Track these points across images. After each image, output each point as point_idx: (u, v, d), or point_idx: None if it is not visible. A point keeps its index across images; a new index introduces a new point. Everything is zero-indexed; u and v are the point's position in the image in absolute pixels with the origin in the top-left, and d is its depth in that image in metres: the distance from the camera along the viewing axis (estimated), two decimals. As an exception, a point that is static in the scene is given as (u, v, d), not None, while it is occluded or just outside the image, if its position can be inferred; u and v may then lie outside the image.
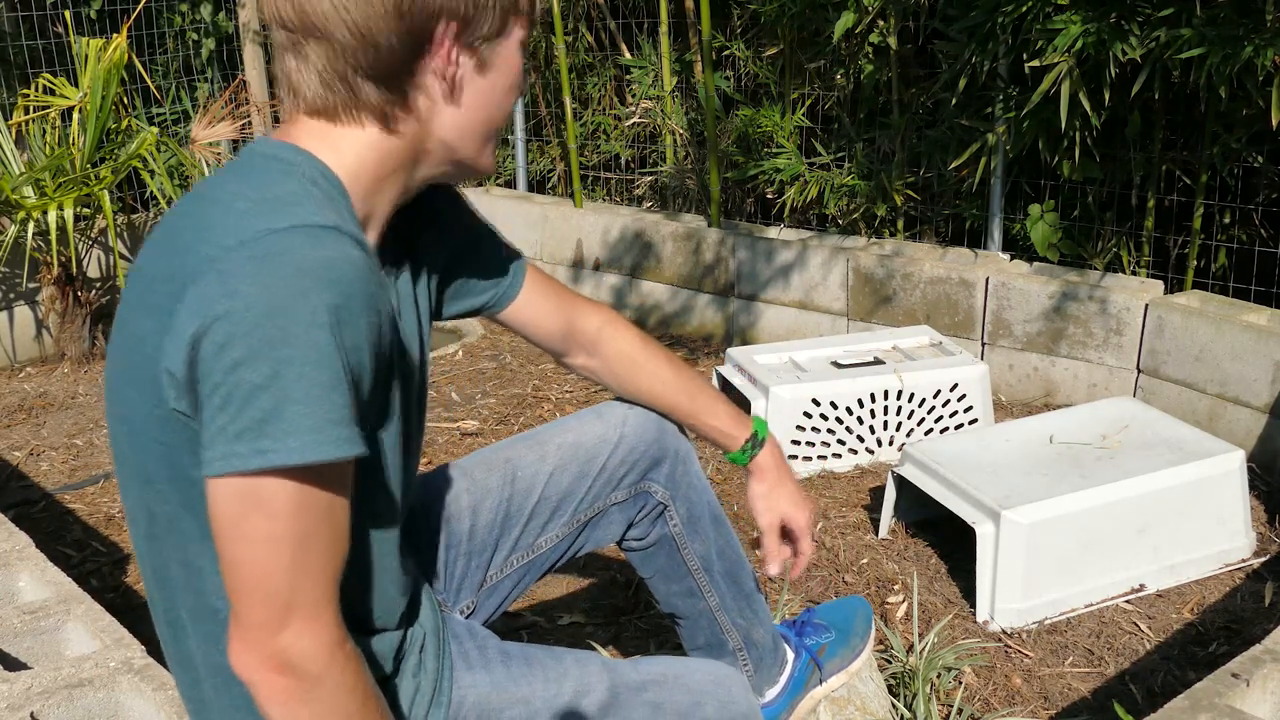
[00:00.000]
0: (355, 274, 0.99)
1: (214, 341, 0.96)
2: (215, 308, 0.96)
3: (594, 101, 4.70)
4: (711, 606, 1.62)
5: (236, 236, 0.99)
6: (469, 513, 1.50)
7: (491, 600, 1.54)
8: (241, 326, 0.95)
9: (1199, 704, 1.46)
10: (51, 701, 1.60)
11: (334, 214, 1.05)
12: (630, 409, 1.56)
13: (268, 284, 0.96)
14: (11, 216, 3.75)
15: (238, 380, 0.95)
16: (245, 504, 0.98)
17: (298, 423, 0.96)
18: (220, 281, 0.97)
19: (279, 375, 0.95)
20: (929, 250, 3.61)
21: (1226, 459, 2.43)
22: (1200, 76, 2.77)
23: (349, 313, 0.98)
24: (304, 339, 0.96)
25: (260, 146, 1.11)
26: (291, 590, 1.00)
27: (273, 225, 0.99)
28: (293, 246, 0.98)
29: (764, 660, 1.66)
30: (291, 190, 1.04)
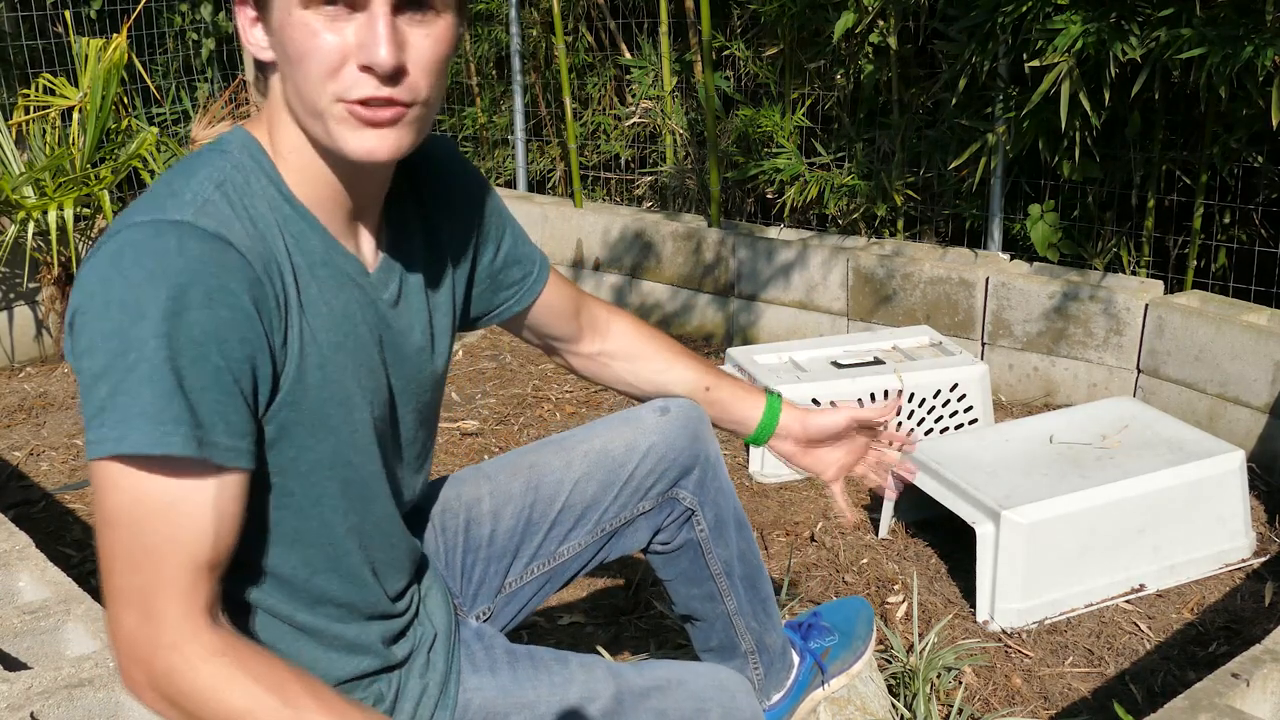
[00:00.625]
0: (190, 268, 0.99)
1: (75, 329, 1.01)
2: (75, 296, 1.02)
3: (594, 101, 4.70)
4: (729, 610, 1.61)
5: (111, 230, 1.03)
6: (490, 518, 1.49)
7: (510, 607, 1.52)
8: (89, 317, 1.00)
9: (1199, 704, 1.46)
10: (51, 701, 1.60)
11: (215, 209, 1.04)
12: (662, 416, 1.52)
13: (109, 277, 0.99)
14: (11, 216, 3.75)
15: (84, 368, 1.00)
16: (97, 494, 1.02)
17: (121, 414, 0.98)
18: (85, 272, 1.02)
19: (111, 367, 0.98)
20: (929, 250, 3.61)
21: (1226, 459, 2.43)
22: (1200, 76, 2.77)
23: (180, 306, 0.98)
24: (132, 333, 0.98)
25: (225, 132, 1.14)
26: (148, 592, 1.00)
27: (135, 219, 1.02)
28: (137, 241, 1.00)
29: (774, 665, 1.66)
30: (189, 185, 1.05)
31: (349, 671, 1.21)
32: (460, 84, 5.06)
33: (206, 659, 1.00)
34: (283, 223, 1.09)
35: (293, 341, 1.08)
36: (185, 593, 1.01)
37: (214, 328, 1.00)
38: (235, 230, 1.04)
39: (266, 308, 1.05)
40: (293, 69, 1.05)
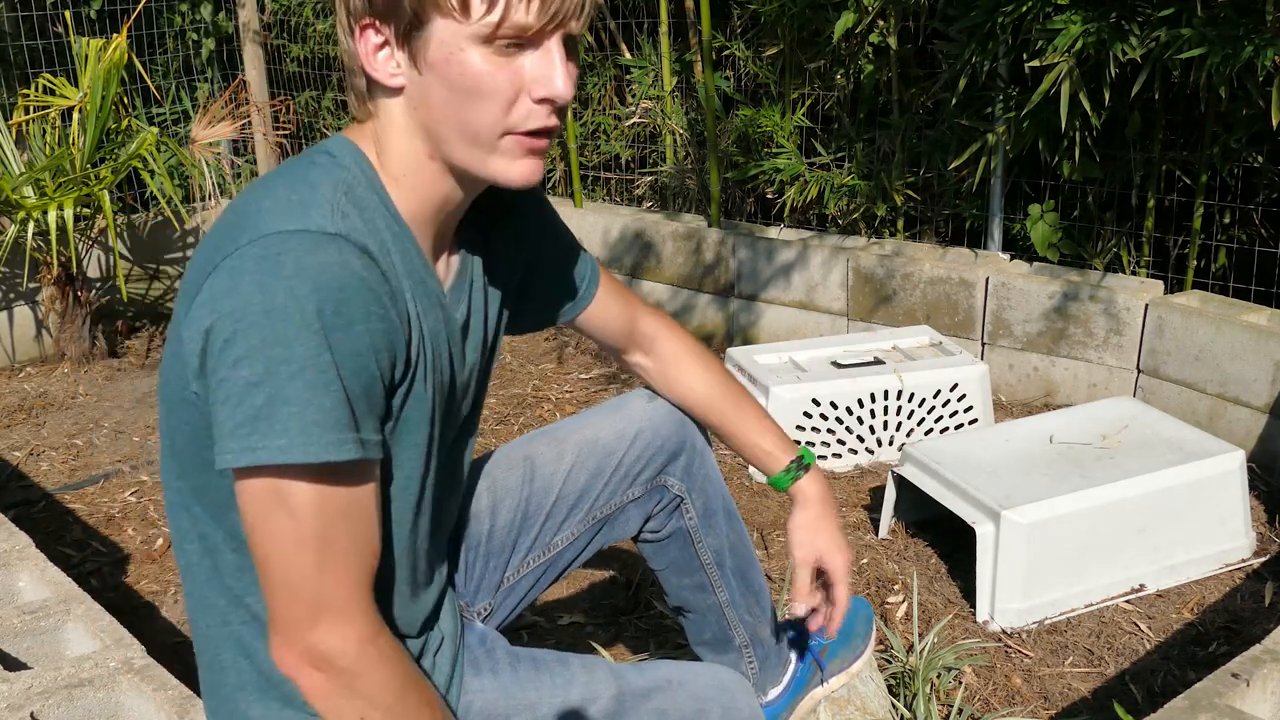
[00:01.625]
0: (351, 281, 1.02)
1: (220, 336, 1.00)
2: (222, 303, 1.00)
3: (594, 101, 4.70)
4: (721, 601, 1.61)
5: (250, 235, 1.02)
6: (488, 513, 1.50)
7: (509, 601, 1.53)
8: (242, 324, 0.99)
9: (1199, 704, 1.46)
10: (51, 701, 1.60)
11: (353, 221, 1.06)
12: (650, 403, 1.55)
13: (266, 284, 0.99)
14: (11, 216, 3.75)
15: (236, 377, 0.99)
16: (266, 502, 1.01)
17: (286, 423, 0.98)
18: (229, 277, 1.01)
19: (272, 374, 0.98)
20: (929, 250, 3.61)
21: (1226, 459, 2.43)
22: (1200, 76, 2.77)
23: (342, 319, 1.00)
24: (296, 341, 0.98)
25: (329, 141, 1.15)
26: (316, 589, 1.03)
27: (283, 226, 1.02)
28: (293, 249, 1.00)
29: (769, 658, 1.66)
30: (320, 194, 1.06)
31: None
32: (460, 84, 5.06)
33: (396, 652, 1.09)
34: (393, 240, 1.11)
35: (414, 355, 1.12)
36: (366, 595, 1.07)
37: (370, 340, 1.03)
38: (371, 244, 1.07)
39: (402, 320, 1.09)
40: (457, 101, 1.08)
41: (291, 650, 1.05)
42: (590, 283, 1.47)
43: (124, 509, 2.98)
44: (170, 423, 1.13)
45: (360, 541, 1.06)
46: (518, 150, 1.10)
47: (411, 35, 1.07)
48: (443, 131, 1.10)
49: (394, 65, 1.10)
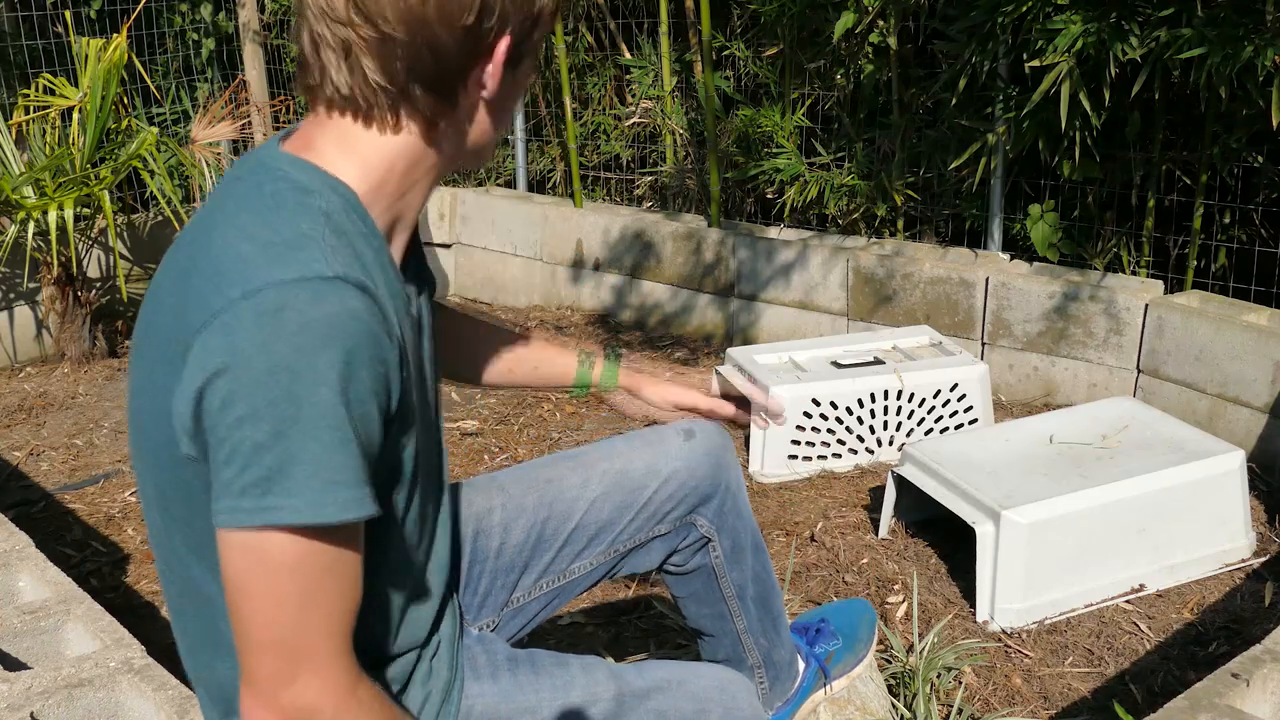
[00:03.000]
0: (359, 328, 0.98)
1: (217, 396, 0.96)
2: (217, 362, 0.95)
3: (594, 101, 4.70)
4: (739, 629, 1.60)
5: (241, 287, 0.97)
6: (500, 530, 1.47)
7: (516, 620, 1.51)
8: (243, 383, 0.95)
9: (1199, 704, 1.46)
10: (51, 701, 1.60)
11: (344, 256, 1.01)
12: (687, 441, 1.51)
13: (269, 341, 0.95)
14: (11, 216, 3.75)
15: (241, 437, 0.95)
16: (249, 559, 0.98)
17: (303, 483, 0.95)
18: (224, 334, 0.96)
19: (283, 434, 0.95)
20: (929, 250, 3.61)
21: (1226, 459, 2.43)
22: (1200, 76, 2.77)
23: (353, 369, 0.97)
24: (308, 398, 0.95)
25: (274, 161, 1.07)
26: (297, 645, 1.00)
27: (277, 276, 0.97)
28: (296, 301, 0.96)
29: (780, 678, 1.66)
30: (301, 231, 1.01)
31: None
32: (460, 84, 5.06)
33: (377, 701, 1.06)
34: (374, 257, 1.07)
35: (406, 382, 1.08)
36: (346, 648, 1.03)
37: (373, 385, 1.00)
38: (364, 277, 1.02)
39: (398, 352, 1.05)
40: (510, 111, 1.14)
41: (268, 708, 1.01)
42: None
43: (124, 509, 2.98)
44: (159, 480, 1.08)
45: (344, 595, 1.02)
46: None
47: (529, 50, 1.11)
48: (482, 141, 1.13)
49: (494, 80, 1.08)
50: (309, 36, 1.05)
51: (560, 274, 4.46)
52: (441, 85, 1.06)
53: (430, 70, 1.05)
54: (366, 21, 1.02)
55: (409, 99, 1.06)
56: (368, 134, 1.07)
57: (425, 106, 1.07)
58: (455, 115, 1.09)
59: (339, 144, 1.07)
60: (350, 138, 1.07)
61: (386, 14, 1.01)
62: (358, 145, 1.07)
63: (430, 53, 1.03)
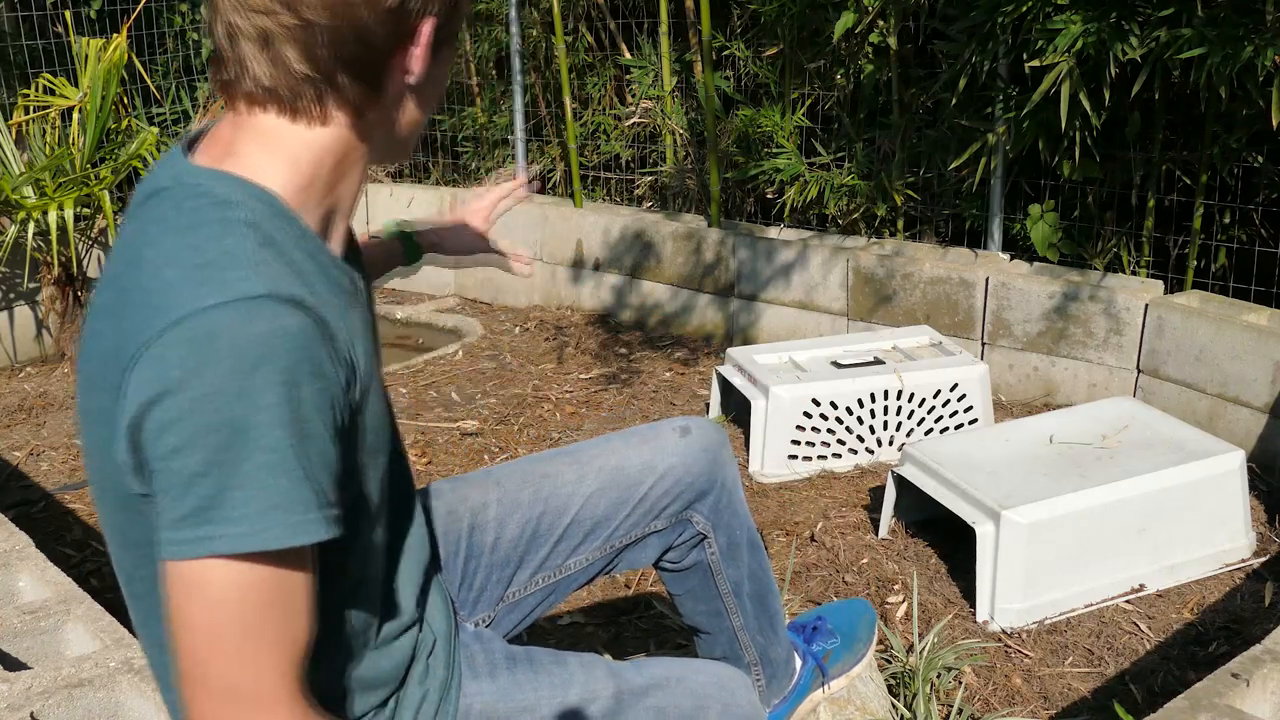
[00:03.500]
0: (293, 345, 0.94)
1: (151, 428, 0.93)
2: (149, 394, 0.93)
3: (594, 101, 4.70)
4: (735, 626, 1.61)
5: (168, 316, 0.93)
6: (495, 525, 1.47)
7: (512, 616, 1.51)
8: (176, 413, 0.92)
9: (1199, 704, 1.46)
10: (51, 701, 1.60)
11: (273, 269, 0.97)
12: (683, 437, 1.51)
13: (200, 368, 0.91)
14: (11, 216, 3.75)
15: (178, 467, 0.92)
16: (189, 592, 0.94)
17: (242, 509, 0.92)
18: (154, 366, 0.93)
19: (218, 462, 0.92)
20: (929, 250, 3.61)
21: (1226, 459, 2.43)
22: (1200, 76, 2.77)
23: (292, 389, 0.93)
24: (244, 424, 0.91)
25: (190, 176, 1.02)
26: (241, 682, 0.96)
27: (204, 301, 0.93)
28: (225, 326, 0.92)
29: (776, 675, 1.67)
30: (226, 249, 0.96)
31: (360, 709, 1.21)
32: (460, 84, 5.06)
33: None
34: (310, 263, 1.03)
35: (355, 388, 1.04)
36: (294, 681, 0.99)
37: (316, 401, 0.96)
38: (298, 288, 0.98)
39: (340, 364, 1.00)
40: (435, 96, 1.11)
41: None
42: None
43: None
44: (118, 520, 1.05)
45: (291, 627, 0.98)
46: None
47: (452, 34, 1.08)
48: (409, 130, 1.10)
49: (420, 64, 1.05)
50: (224, 29, 1.01)
51: (560, 274, 4.46)
52: (368, 71, 1.02)
53: (356, 56, 1.01)
54: (288, 9, 0.98)
55: (335, 88, 1.02)
56: (293, 129, 1.03)
57: (353, 95, 1.03)
58: (383, 103, 1.06)
59: (262, 144, 1.03)
60: (274, 135, 1.03)
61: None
62: (282, 142, 1.03)
63: (355, 37, 1.00)
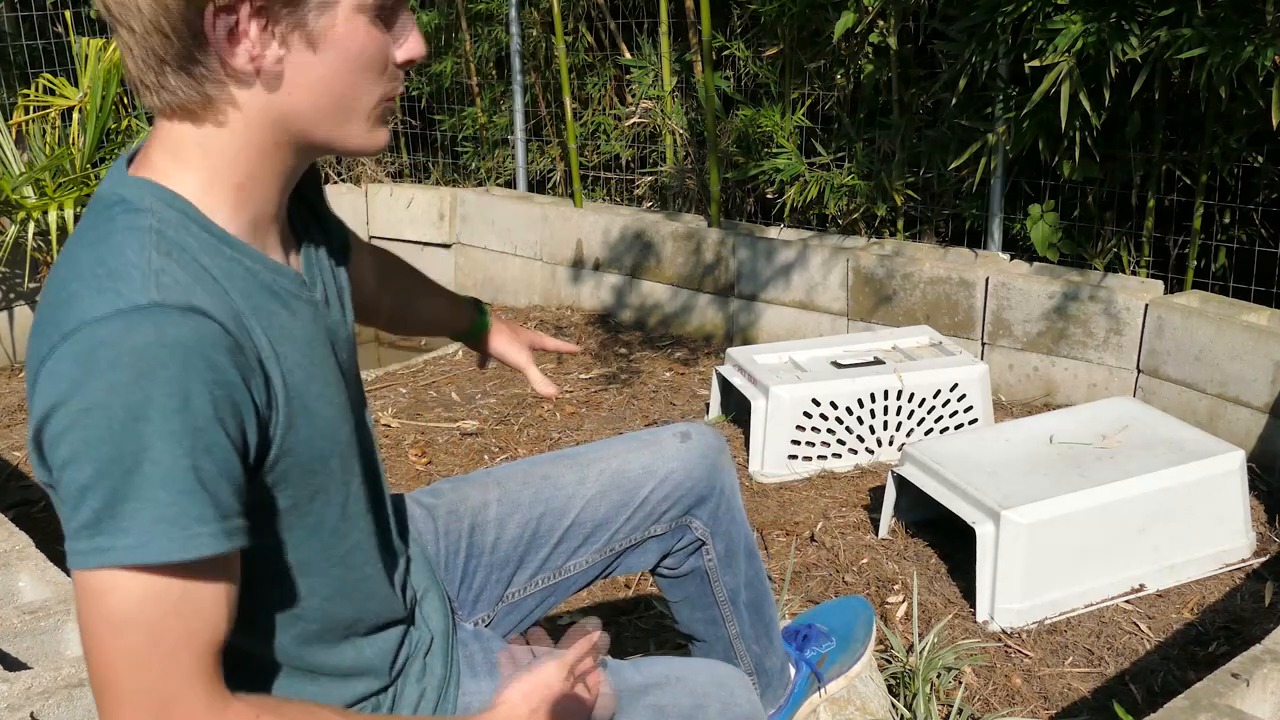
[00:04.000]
0: (178, 355, 0.92)
1: (48, 441, 0.93)
2: (45, 407, 0.93)
3: (594, 101, 4.70)
4: (731, 634, 1.61)
5: (61, 329, 0.93)
6: (495, 525, 1.48)
7: (511, 617, 1.51)
8: (65, 426, 0.92)
9: (1199, 704, 1.46)
10: (51, 701, 1.60)
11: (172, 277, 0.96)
12: (683, 443, 1.52)
13: (83, 381, 0.91)
14: (12, 216, 3.75)
15: (70, 480, 0.92)
16: (92, 603, 0.94)
17: (133, 520, 0.91)
18: (48, 380, 0.93)
19: (105, 475, 0.91)
20: (929, 250, 3.61)
21: (1226, 459, 2.43)
22: (1200, 76, 2.77)
23: (179, 399, 0.92)
24: (128, 436, 0.91)
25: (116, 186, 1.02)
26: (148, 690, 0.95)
27: (92, 313, 0.93)
28: (109, 339, 0.91)
29: (771, 684, 1.67)
30: (126, 259, 0.95)
31: (348, 698, 1.20)
32: (460, 84, 5.06)
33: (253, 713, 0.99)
34: (226, 267, 1.01)
35: (276, 393, 1.02)
36: (207, 680, 0.98)
37: (213, 410, 0.94)
38: (200, 295, 0.96)
39: (249, 370, 0.99)
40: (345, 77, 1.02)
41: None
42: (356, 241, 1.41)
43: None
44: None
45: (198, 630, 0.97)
46: (382, 117, 1.07)
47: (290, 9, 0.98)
48: (314, 112, 1.03)
49: (257, 48, 0.98)
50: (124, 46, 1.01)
51: (560, 274, 4.46)
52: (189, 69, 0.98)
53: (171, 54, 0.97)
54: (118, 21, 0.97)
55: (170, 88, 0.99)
56: (193, 134, 1.01)
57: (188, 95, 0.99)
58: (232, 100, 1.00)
59: (171, 152, 1.02)
60: (174, 141, 1.02)
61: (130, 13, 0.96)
62: (184, 149, 1.02)
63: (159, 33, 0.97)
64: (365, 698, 1.22)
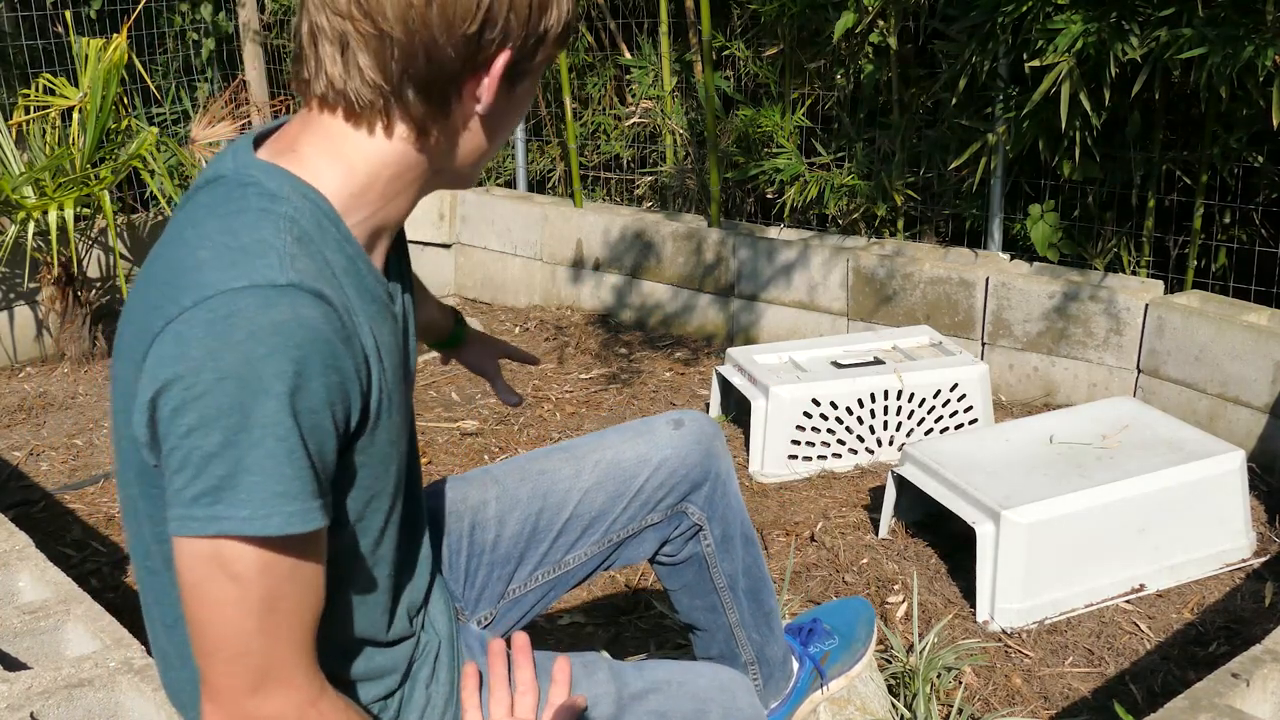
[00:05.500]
0: (310, 336, 0.96)
1: (169, 405, 0.95)
2: (169, 371, 0.95)
3: (594, 101, 4.70)
4: (731, 622, 1.61)
5: (194, 295, 0.96)
6: (495, 522, 1.48)
7: (513, 613, 1.51)
8: (193, 392, 0.94)
9: (1199, 704, 1.46)
10: (51, 701, 1.60)
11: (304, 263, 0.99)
12: (676, 430, 1.53)
13: (218, 350, 0.93)
14: (11, 216, 3.75)
15: (192, 446, 0.94)
16: (208, 566, 0.97)
17: (251, 494, 0.94)
18: (175, 343, 0.95)
19: (232, 444, 0.94)
20: (929, 250, 3.61)
21: (1227, 459, 2.43)
22: (1200, 76, 2.77)
23: (303, 379, 0.96)
24: (256, 409, 0.94)
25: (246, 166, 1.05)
26: (258, 654, 0.99)
27: (229, 283, 0.96)
28: (245, 309, 0.94)
29: (773, 674, 1.67)
30: (261, 238, 0.99)
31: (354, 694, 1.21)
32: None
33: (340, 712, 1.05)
34: (346, 264, 1.05)
35: (373, 390, 1.06)
36: (307, 656, 1.02)
37: (327, 395, 0.98)
38: (325, 285, 1.00)
39: (359, 363, 1.03)
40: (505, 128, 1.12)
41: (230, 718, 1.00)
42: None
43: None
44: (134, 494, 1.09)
45: (306, 604, 1.01)
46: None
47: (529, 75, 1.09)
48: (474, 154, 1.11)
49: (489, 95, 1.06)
50: (308, 27, 1.03)
51: (560, 274, 4.46)
52: (434, 91, 1.04)
53: (424, 74, 1.02)
54: (366, 17, 1.00)
55: (402, 102, 1.03)
56: (356, 135, 1.05)
57: (418, 113, 1.04)
58: (448, 125, 1.07)
59: (324, 145, 1.05)
60: (337, 139, 1.05)
61: (386, 11, 0.99)
62: (344, 147, 1.05)
63: (426, 56, 1.01)
64: (373, 701, 1.22)
